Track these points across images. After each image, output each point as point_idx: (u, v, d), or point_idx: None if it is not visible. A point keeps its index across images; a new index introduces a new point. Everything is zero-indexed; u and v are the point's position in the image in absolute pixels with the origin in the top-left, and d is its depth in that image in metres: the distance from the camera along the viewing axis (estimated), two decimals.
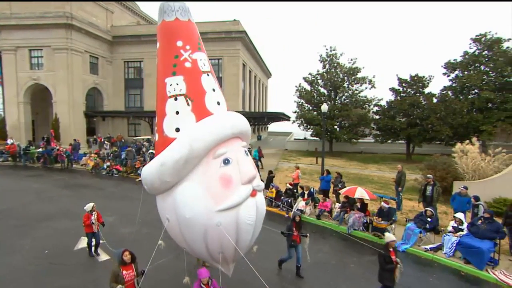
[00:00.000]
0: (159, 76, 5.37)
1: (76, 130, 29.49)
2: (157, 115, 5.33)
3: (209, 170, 4.74)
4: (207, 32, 32.67)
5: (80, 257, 8.05)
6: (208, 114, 5.05)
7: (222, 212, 4.60)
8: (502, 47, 26.39)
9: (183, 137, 4.76)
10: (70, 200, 13.15)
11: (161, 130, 5.13)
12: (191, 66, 5.19)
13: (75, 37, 29.24)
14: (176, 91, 5.04)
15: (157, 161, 4.87)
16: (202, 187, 4.67)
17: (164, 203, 5.20)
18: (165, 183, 4.83)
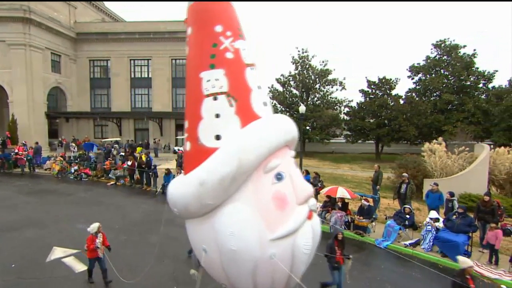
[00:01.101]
0: (191, 70, 4.33)
1: (37, 132, 27.47)
2: (187, 118, 4.32)
3: (260, 188, 3.76)
4: (178, 31, 31.87)
5: (54, 270, 7.45)
6: (255, 117, 4.02)
7: (277, 241, 3.70)
8: (459, 53, 28.38)
9: (228, 148, 3.73)
10: (36, 207, 12.18)
11: (194, 137, 4.04)
12: (233, 57, 4.13)
13: (34, 32, 27.27)
14: (215, 88, 3.99)
15: (194, 179, 3.78)
16: (253, 210, 3.70)
17: (199, 230, 4.13)
18: (205, 206, 3.80)
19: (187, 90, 4.45)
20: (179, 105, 33.88)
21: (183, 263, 8.03)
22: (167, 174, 14.84)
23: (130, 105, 33.69)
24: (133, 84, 33.64)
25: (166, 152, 29.88)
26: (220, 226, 3.76)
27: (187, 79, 4.42)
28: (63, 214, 11.34)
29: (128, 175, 16.46)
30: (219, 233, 3.76)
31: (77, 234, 9.64)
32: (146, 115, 31.39)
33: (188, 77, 4.40)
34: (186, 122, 4.31)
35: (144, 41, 32.52)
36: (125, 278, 7.03)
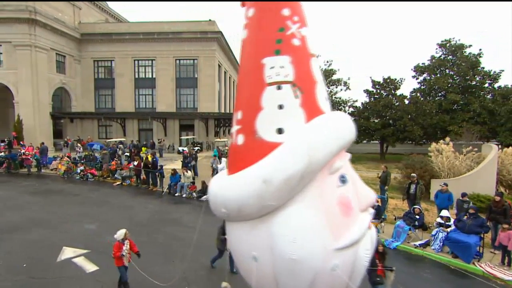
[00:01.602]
0: (251, 54, 3.85)
1: (42, 132, 27.60)
2: (240, 108, 3.87)
3: (325, 191, 3.38)
4: (182, 32, 32.09)
5: (64, 270, 7.43)
6: (319, 112, 3.66)
7: (341, 251, 3.35)
8: (465, 53, 28.24)
9: (297, 143, 3.33)
10: (43, 207, 12.20)
11: (250, 130, 3.62)
12: (300, 44, 3.73)
13: (40, 33, 27.42)
14: (280, 76, 3.58)
15: (255, 177, 3.34)
16: (318, 215, 3.30)
17: (249, 235, 3.64)
18: (265, 208, 3.35)
19: (243, 77, 3.95)
20: (183, 106, 33.96)
21: (192, 262, 8.00)
22: (173, 175, 14.85)
23: (134, 105, 33.79)
24: (137, 84, 33.74)
25: (170, 152, 29.89)
26: (280, 231, 3.33)
27: (244, 65, 3.94)
28: (70, 214, 11.35)
29: (134, 175, 16.46)
30: (278, 239, 3.33)
31: (86, 234, 9.67)
32: (150, 115, 31.45)
33: (245, 63, 3.92)
34: (239, 113, 3.81)
35: (148, 42, 32.60)
36: (135, 279, 7.02)
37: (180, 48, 32.61)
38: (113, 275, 7.24)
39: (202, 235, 9.87)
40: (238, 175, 3.53)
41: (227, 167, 4.03)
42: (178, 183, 14.63)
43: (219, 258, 7.55)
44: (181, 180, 14.71)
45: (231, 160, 3.95)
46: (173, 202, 13.59)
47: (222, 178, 3.83)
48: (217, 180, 3.92)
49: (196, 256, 8.38)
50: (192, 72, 33.60)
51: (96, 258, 8.02)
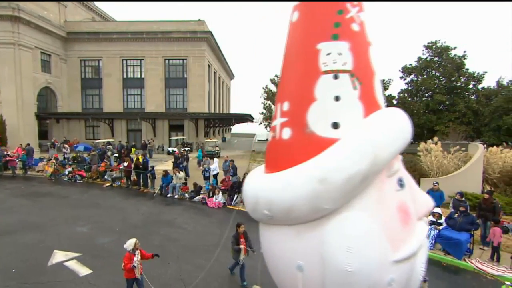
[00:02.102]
0: (303, 38, 3.41)
1: (26, 133, 26.82)
2: (287, 98, 3.44)
3: (384, 195, 3.04)
4: (172, 31, 31.79)
5: (57, 274, 7.23)
6: (377, 106, 3.30)
7: (399, 264, 3.02)
8: (450, 55, 28.97)
9: (359, 140, 2.96)
10: (31, 210, 11.85)
11: (300, 123, 3.22)
12: (359, 30, 3.34)
13: (23, 31, 26.65)
14: (337, 64, 3.18)
15: (309, 176, 2.95)
16: (376, 222, 2.94)
17: (295, 242, 3.24)
18: (318, 211, 2.98)
19: (291, 64, 3.51)
20: (173, 106, 33.63)
21: (187, 264, 7.94)
22: (165, 176, 14.68)
23: (123, 105, 33.25)
24: (125, 84, 33.21)
25: (160, 153, 29.56)
26: (333, 238, 2.94)
27: (293, 51, 3.51)
28: (60, 217, 11.07)
29: (125, 176, 16.19)
30: (331, 247, 2.94)
31: (77, 237, 9.46)
32: (139, 115, 31.00)
33: (295, 48, 3.49)
34: (285, 104, 3.39)
35: (136, 41, 32.14)
36: None
37: (169, 48, 32.29)
38: (107, 278, 7.12)
39: (197, 236, 9.85)
40: (286, 174, 3.10)
41: (265, 164, 3.62)
42: (170, 184, 14.47)
43: (237, 266, 7.26)
44: (173, 181, 14.56)
45: (272, 156, 3.51)
46: (166, 203, 13.43)
47: (264, 177, 3.39)
48: (256, 178, 3.48)
49: (191, 257, 8.33)
50: (181, 72, 33.30)
51: (89, 261, 7.86)
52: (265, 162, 3.69)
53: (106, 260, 7.97)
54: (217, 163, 16.10)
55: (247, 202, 3.50)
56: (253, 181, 3.53)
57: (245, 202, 3.57)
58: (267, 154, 3.68)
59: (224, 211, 12.59)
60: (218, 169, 15.80)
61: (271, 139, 3.62)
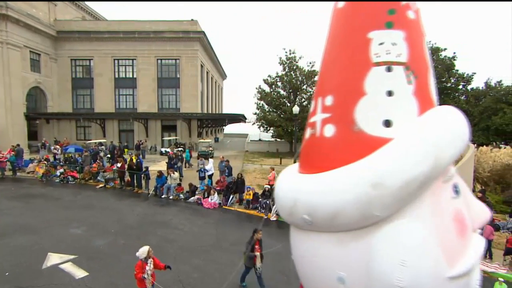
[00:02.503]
0: (352, 25, 3.11)
1: (15, 133, 26.32)
2: (332, 91, 3.10)
3: (440, 203, 2.72)
4: (164, 31, 31.60)
5: (53, 277, 7.11)
6: (431, 103, 3.00)
7: (455, 280, 2.71)
8: (440, 56, 29.45)
9: (418, 140, 2.66)
10: (23, 212, 11.60)
11: (346, 119, 2.92)
12: (414, 18, 3.02)
13: (12, 29, 26.14)
14: (391, 55, 2.89)
15: (360, 178, 2.66)
16: (432, 233, 2.63)
17: (335, 250, 2.93)
18: (368, 218, 2.69)
19: (336, 54, 3.19)
20: (165, 106, 33.41)
21: (185, 265, 7.89)
22: (159, 176, 14.56)
23: (114, 105, 32.89)
24: (117, 84, 32.86)
25: (153, 154, 29.32)
26: (384, 249, 2.63)
27: (340, 40, 3.19)
28: (53, 219, 10.88)
29: (118, 177, 16.01)
30: (380, 259, 2.63)
31: (72, 239, 9.32)
32: (132, 116, 30.69)
33: (342, 37, 3.17)
34: (328, 98, 3.07)
35: (128, 41, 31.83)
36: (129, 284, 6.83)
37: (162, 47, 32.08)
38: (104, 279, 7.04)
39: (193, 237, 9.80)
40: (332, 175, 2.80)
41: (301, 163, 3.32)
42: (164, 185, 14.36)
43: (247, 275, 6.96)
44: (167, 182, 14.45)
45: (310, 155, 3.19)
46: (160, 204, 13.33)
47: (303, 178, 3.06)
48: (293, 179, 3.16)
49: (189, 258, 8.29)
50: (174, 72, 33.10)
51: (85, 263, 7.75)
52: (300, 161, 3.35)
53: (102, 262, 7.88)
54: (212, 163, 16.05)
55: (282, 205, 3.15)
56: (288, 182, 3.18)
57: (278, 204, 3.22)
58: (304, 151, 3.31)
59: (219, 211, 12.56)
60: (213, 169, 15.75)
61: (309, 136, 3.23)
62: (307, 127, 3.29)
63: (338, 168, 2.78)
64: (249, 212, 12.41)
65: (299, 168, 3.29)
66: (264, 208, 11.96)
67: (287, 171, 3.48)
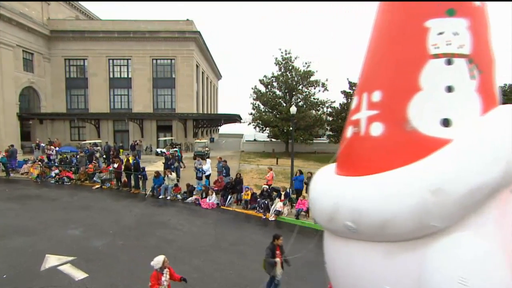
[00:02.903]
0: (405, 13, 2.76)
1: (8, 134, 25.97)
2: (380, 86, 2.80)
3: (504, 214, 2.41)
4: (159, 31, 31.45)
5: (52, 279, 7.03)
6: (495, 102, 2.67)
7: None
8: None
9: (486, 143, 2.33)
10: (19, 213, 11.45)
11: (400, 117, 2.61)
12: (480, 5, 2.69)
13: (4, 28, 25.81)
14: (452, 46, 2.55)
15: (416, 183, 2.33)
16: (497, 249, 2.30)
17: (382, 263, 2.60)
18: (424, 228, 2.36)
19: (386, 45, 2.90)
20: (161, 106, 33.24)
21: (185, 265, 7.86)
22: (156, 177, 14.49)
23: (109, 106, 32.61)
24: (112, 84, 32.59)
25: (148, 154, 29.13)
26: (441, 265, 2.31)
27: (390, 29, 2.88)
28: (50, 220, 10.75)
29: (115, 178, 15.88)
30: (437, 275, 2.31)
31: (69, 240, 9.23)
32: (127, 116, 30.47)
33: (393, 26, 2.86)
34: (376, 93, 2.77)
35: (123, 40, 31.60)
36: (129, 284, 6.79)
37: (157, 47, 31.92)
38: (104, 281, 6.99)
39: (192, 237, 9.77)
40: (381, 179, 2.48)
41: (341, 164, 3.02)
42: (162, 186, 14.29)
43: (271, 285, 6.40)
44: (164, 182, 14.38)
45: (353, 156, 2.89)
46: (158, 204, 13.26)
47: (344, 180, 2.75)
48: (333, 182, 2.86)
49: (189, 258, 8.26)
50: (169, 72, 32.95)
51: (84, 264, 7.67)
52: (340, 161, 3.04)
53: (101, 263, 7.82)
54: (210, 163, 16.01)
55: (320, 210, 2.83)
56: (328, 184, 2.88)
57: (315, 209, 2.91)
58: (345, 152, 3.00)
59: (218, 211, 12.54)
60: (210, 169, 15.71)
61: (351, 135, 2.94)
62: (348, 125, 2.99)
63: (388, 171, 2.46)
64: (247, 212, 12.40)
65: (338, 169, 2.97)
66: (262, 208, 11.96)
67: (324, 173, 3.17)
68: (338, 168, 3.01)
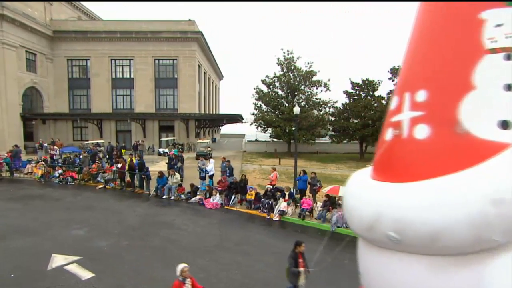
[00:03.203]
0: (453, 5, 2.60)
1: (11, 134, 26.05)
2: (428, 84, 2.57)
3: None
4: (161, 31, 31.50)
5: (58, 278, 7.04)
6: None
7: None
8: None
9: None
10: (23, 214, 11.48)
11: (449, 118, 2.42)
12: None
13: (7, 29, 25.89)
14: (511, 40, 2.39)
15: (473, 192, 2.13)
16: None
17: (429, 279, 2.40)
18: (483, 243, 2.16)
19: (432, 39, 2.68)
20: (163, 106, 33.28)
21: (190, 265, 7.82)
22: (160, 177, 14.50)
23: (112, 106, 32.67)
24: (114, 84, 32.65)
25: (151, 154, 29.15)
26: (502, 283, 2.16)
27: (437, 22, 2.67)
28: (55, 220, 10.78)
29: (118, 178, 15.91)
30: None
31: (74, 240, 9.25)
32: (129, 116, 30.52)
33: (440, 18, 2.65)
34: (421, 93, 2.55)
35: (126, 41, 31.66)
36: (136, 285, 6.80)
37: (159, 48, 31.96)
38: (111, 281, 7.00)
39: (197, 238, 9.78)
40: (432, 187, 2.27)
41: (379, 168, 2.80)
42: (165, 186, 14.30)
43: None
44: (168, 182, 14.40)
45: (394, 160, 2.66)
46: (162, 205, 13.28)
47: (386, 187, 2.51)
48: (372, 188, 2.63)
49: (194, 259, 8.26)
50: (171, 73, 33.00)
51: (90, 264, 7.69)
52: (378, 166, 2.82)
53: (107, 263, 7.83)
54: (213, 164, 16.02)
55: (357, 218, 2.62)
56: (366, 190, 2.66)
57: (352, 217, 2.69)
58: (384, 156, 2.79)
59: (222, 212, 12.54)
60: (214, 169, 15.72)
61: (392, 137, 2.71)
62: (387, 127, 2.79)
63: (438, 178, 2.24)
64: (251, 212, 12.40)
65: (376, 174, 2.75)
66: (266, 208, 11.96)
67: (360, 178, 2.93)
68: (375, 173, 2.77)
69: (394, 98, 2.79)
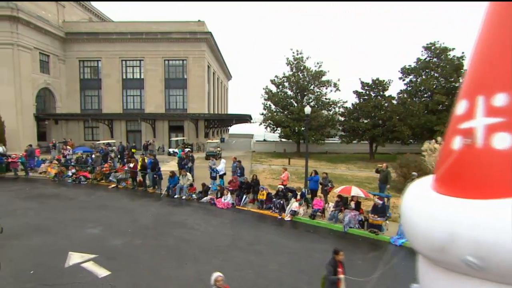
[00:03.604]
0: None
1: (25, 134, 26.59)
2: (503, 88, 2.15)
3: None
4: (171, 32, 31.73)
5: (76, 276, 7.17)
6: None
7: None
8: (449, 56, 29.30)
9: None
10: (39, 212, 11.71)
11: None
12: None
13: (22, 31, 26.44)
14: None
15: None
16: None
17: None
18: None
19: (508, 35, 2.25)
20: (172, 107, 33.53)
21: (205, 264, 7.92)
22: (171, 177, 14.63)
23: (122, 106, 33.07)
24: (125, 85, 33.04)
25: (160, 154, 29.39)
26: None
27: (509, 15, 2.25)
28: (70, 219, 10.97)
29: (131, 177, 16.10)
30: None
31: (90, 238, 9.40)
32: (140, 116, 30.85)
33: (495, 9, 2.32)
34: (499, 97, 2.14)
35: (136, 42, 32.00)
36: (151, 283, 6.88)
37: (169, 48, 32.22)
38: (127, 280, 7.09)
39: (210, 237, 9.83)
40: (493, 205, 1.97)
41: (446, 181, 2.39)
42: (177, 185, 14.42)
43: None
44: (179, 182, 14.51)
45: (466, 172, 2.28)
46: (174, 204, 13.39)
47: (461, 204, 2.15)
48: (442, 203, 2.25)
49: (208, 258, 8.33)
50: (181, 73, 33.23)
51: (105, 262, 7.80)
52: (444, 178, 2.43)
53: (122, 262, 7.94)
54: (224, 163, 16.09)
55: (424, 236, 2.26)
56: (433, 205, 2.30)
57: (417, 233, 2.34)
58: (453, 167, 2.40)
59: (233, 211, 12.59)
60: (224, 169, 15.79)
61: (461, 147, 2.36)
62: (453, 134, 2.44)
63: None
64: (262, 212, 12.42)
65: (441, 187, 2.40)
66: (278, 208, 11.96)
67: (422, 190, 2.54)
68: (440, 186, 2.42)
69: (461, 102, 2.45)
